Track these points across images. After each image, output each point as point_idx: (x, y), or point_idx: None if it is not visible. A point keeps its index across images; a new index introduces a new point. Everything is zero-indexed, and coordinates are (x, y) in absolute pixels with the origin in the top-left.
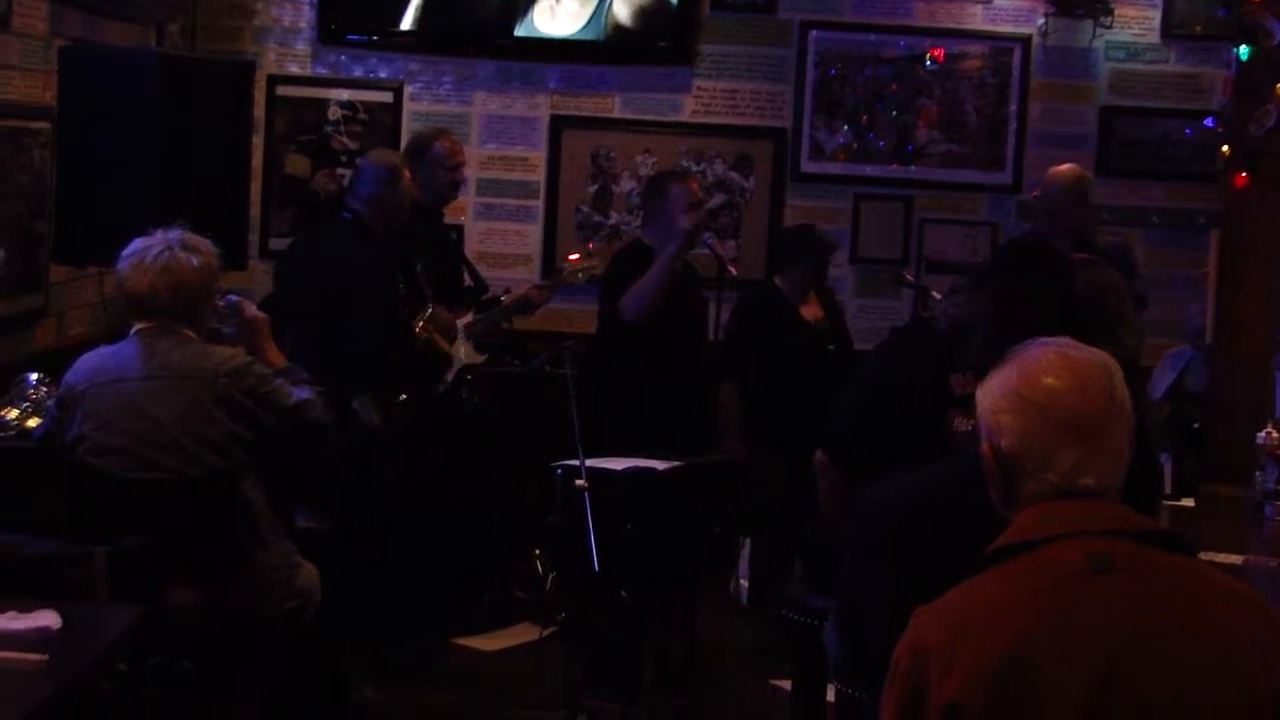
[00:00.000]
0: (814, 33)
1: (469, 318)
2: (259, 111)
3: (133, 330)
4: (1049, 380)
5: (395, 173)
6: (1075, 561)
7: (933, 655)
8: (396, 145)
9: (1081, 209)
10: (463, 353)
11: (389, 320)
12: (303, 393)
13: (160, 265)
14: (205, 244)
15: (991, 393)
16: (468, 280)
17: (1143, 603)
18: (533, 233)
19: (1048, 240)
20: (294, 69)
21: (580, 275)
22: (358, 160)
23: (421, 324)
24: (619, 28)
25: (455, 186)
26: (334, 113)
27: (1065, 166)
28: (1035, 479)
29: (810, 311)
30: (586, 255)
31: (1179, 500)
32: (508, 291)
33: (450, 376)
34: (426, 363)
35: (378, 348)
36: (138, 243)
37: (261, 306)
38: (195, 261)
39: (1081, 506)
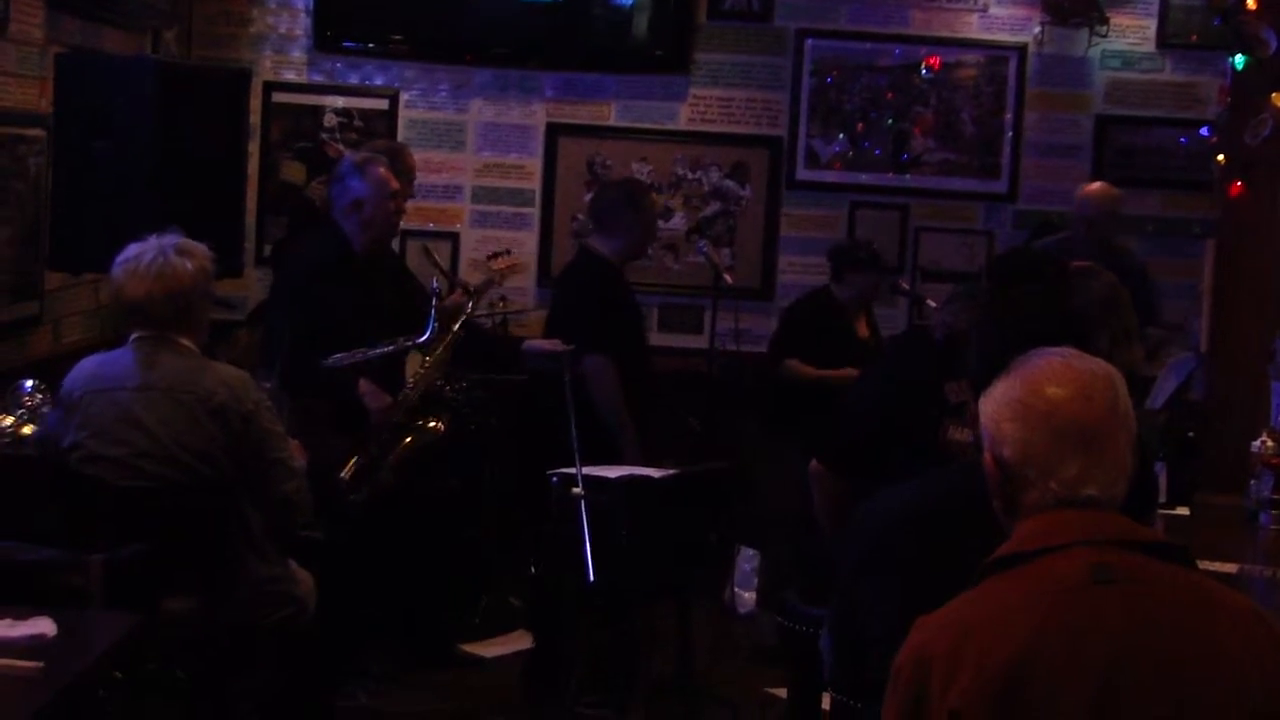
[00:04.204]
0: (810, 41)
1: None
2: (255, 118)
3: (131, 338)
4: (1052, 390)
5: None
6: (1077, 572)
7: (935, 664)
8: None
9: (1115, 223)
10: None
11: (303, 313)
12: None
13: (155, 272)
14: (199, 248)
15: (995, 401)
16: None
17: (1144, 614)
18: (528, 240)
19: (1045, 249)
20: (290, 76)
21: (500, 277)
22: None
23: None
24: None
25: (407, 200)
26: (330, 120)
27: (1098, 186)
28: (1037, 488)
29: (860, 329)
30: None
31: (1174, 509)
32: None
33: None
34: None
35: (289, 340)
36: (132, 248)
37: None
38: (190, 266)
39: (1084, 516)
